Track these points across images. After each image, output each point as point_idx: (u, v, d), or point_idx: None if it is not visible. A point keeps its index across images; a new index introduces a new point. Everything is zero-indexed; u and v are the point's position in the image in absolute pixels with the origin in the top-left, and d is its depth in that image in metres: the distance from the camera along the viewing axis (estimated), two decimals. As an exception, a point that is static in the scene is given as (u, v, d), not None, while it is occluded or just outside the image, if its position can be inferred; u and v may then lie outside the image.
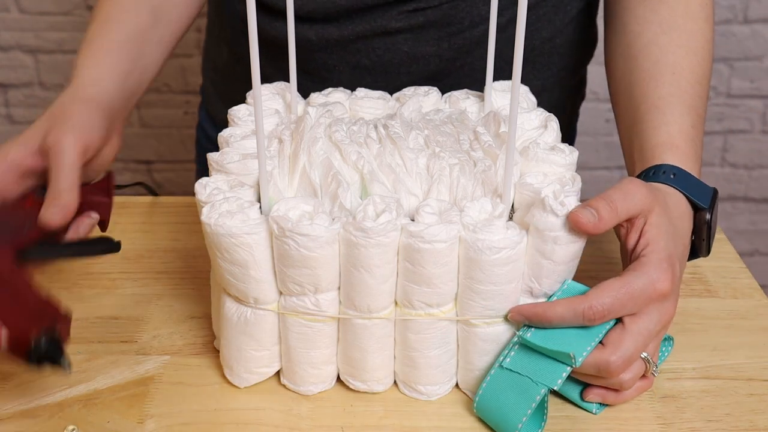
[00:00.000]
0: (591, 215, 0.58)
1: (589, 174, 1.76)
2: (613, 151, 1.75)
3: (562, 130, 0.73)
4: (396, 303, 0.61)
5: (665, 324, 0.61)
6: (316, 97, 0.75)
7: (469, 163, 0.63)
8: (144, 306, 0.74)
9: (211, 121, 1.03)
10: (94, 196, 0.70)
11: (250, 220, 0.58)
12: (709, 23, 0.78)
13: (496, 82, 0.74)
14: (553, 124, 0.69)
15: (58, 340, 0.56)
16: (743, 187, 1.79)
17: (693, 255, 0.68)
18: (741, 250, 1.82)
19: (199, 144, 1.06)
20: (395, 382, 0.65)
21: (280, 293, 0.61)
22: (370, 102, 0.74)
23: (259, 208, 0.60)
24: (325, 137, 0.66)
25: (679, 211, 0.66)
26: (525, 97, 0.75)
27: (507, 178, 0.60)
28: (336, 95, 0.75)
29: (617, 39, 0.81)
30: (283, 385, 0.65)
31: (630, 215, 0.61)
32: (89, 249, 0.68)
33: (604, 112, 1.70)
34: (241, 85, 0.69)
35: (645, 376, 0.62)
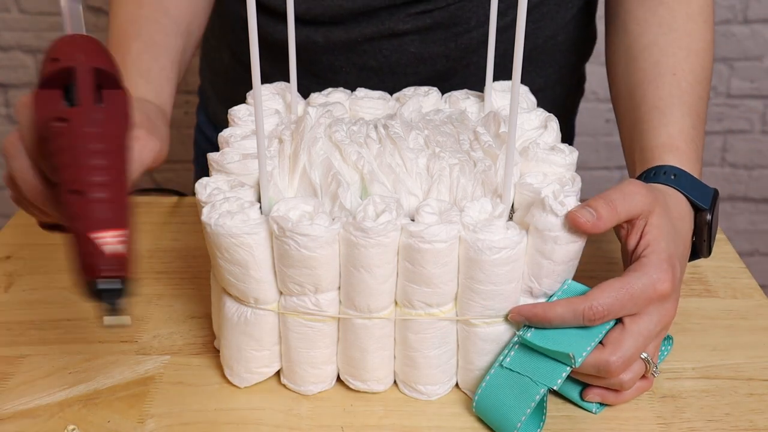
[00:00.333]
0: (590, 215, 0.58)
1: (589, 174, 1.76)
2: (613, 151, 1.75)
3: (562, 127, 0.73)
4: (396, 303, 0.61)
5: (665, 325, 0.61)
6: (316, 97, 0.75)
7: (469, 163, 0.63)
8: (144, 306, 0.74)
9: (210, 123, 1.03)
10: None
11: (251, 220, 0.58)
12: (709, 24, 0.78)
13: (496, 82, 0.74)
14: (553, 124, 0.69)
15: (122, 291, 0.49)
16: (743, 187, 1.79)
17: (694, 256, 0.68)
18: (741, 250, 1.82)
19: (198, 146, 1.06)
20: (395, 382, 0.65)
21: (281, 293, 0.61)
22: (370, 102, 0.74)
23: (260, 208, 0.60)
24: (325, 137, 0.66)
25: (680, 212, 0.66)
26: (525, 98, 0.75)
27: (507, 178, 0.60)
28: (336, 95, 0.75)
29: (618, 40, 0.81)
30: (283, 385, 0.65)
31: (630, 216, 0.61)
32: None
33: (604, 112, 1.70)
34: (244, 87, 0.69)
35: (645, 377, 0.62)
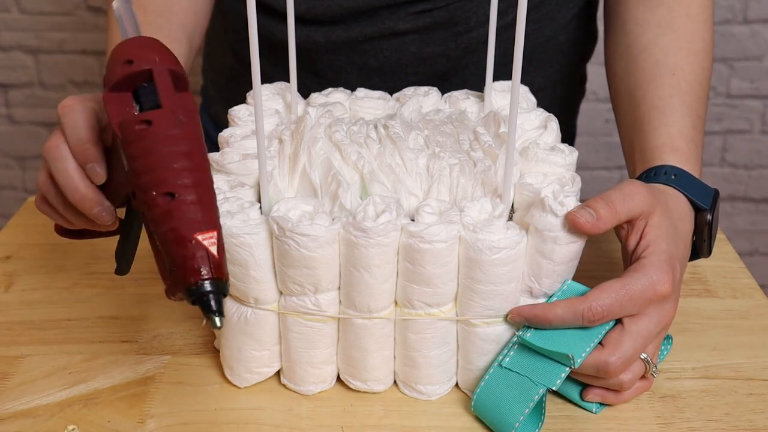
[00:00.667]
0: (589, 215, 0.58)
1: (588, 174, 1.76)
2: (613, 151, 1.75)
3: (562, 128, 0.73)
4: (396, 303, 0.61)
5: (665, 325, 0.61)
6: (316, 97, 0.75)
7: (469, 163, 0.63)
8: (144, 306, 0.74)
9: (212, 123, 1.03)
10: None
11: (251, 220, 0.58)
12: (709, 25, 0.78)
13: (496, 82, 0.74)
14: (553, 124, 0.69)
15: (222, 296, 0.47)
16: (743, 187, 1.79)
17: (694, 256, 0.68)
18: (741, 250, 1.82)
19: None
20: (395, 382, 0.65)
21: (281, 293, 0.61)
22: (370, 102, 0.74)
23: (260, 208, 0.60)
24: (325, 137, 0.66)
25: (681, 212, 0.66)
26: (525, 98, 0.75)
27: (507, 178, 0.60)
28: (336, 95, 0.75)
29: (617, 40, 0.81)
30: (283, 385, 0.65)
31: (630, 216, 0.61)
32: None
33: (604, 112, 1.70)
34: (245, 86, 0.69)
35: (645, 377, 0.62)
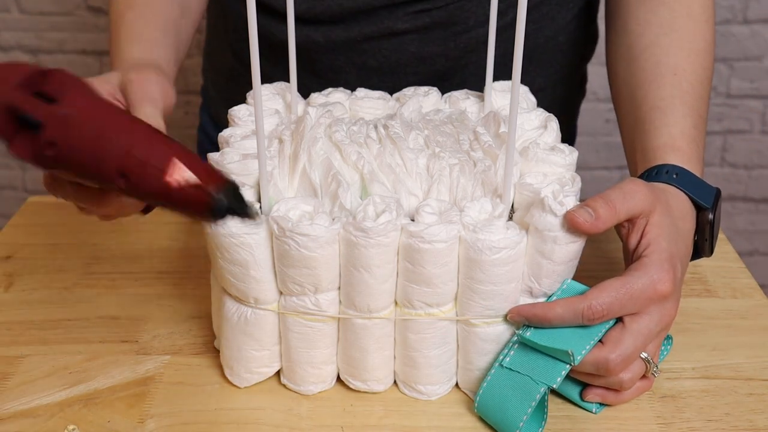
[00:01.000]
0: (588, 215, 0.58)
1: (589, 174, 1.76)
2: (613, 151, 1.75)
3: (563, 128, 0.73)
4: (396, 303, 0.61)
5: (666, 325, 0.61)
6: (316, 97, 0.75)
7: (469, 163, 0.63)
8: (144, 306, 0.74)
9: (213, 123, 1.03)
10: None
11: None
12: (710, 24, 0.78)
13: (496, 82, 0.74)
14: (553, 124, 0.69)
15: (240, 193, 0.50)
16: (743, 187, 1.79)
17: (695, 255, 0.68)
18: (740, 250, 1.82)
19: (201, 146, 1.06)
20: (395, 382, 0.65)
21: (281, 293, 0.61)
22: (370, 102, 0.74)
23: (260, 208, 0.60)
24: (325, 137, 0.66)
25: (682, 211, 0.66)
26: (525, 98, 0.75)
27: (507, 178, 0.60)
28: (336, 95, 0.75)
29: (618, 40, 0.81)
30: (283, 385, 0.65)
31: (630, 215, 0.61)
32: None
33: (604, 112, 1.70)
34: (245, 86, 0.69)
35: (645, 377, 0.62)
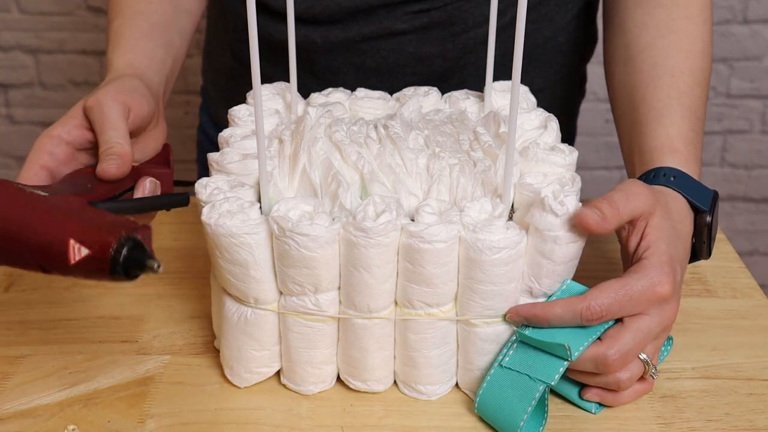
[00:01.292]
0: (596, 214, 0.58)
1: (588, 174, 1.76)
2: (613, 151, 1.75)
3: (563, 128, 0.72)
4: (396, 303, 0.61)
5: (665, 327, 0.61)
6: (316, 97, 0.75)
7: (469, 163, 0.63)
8: (144, 306, 0.74)
9: (212, 124, 1.03)
10: (153, 169, 0.68)
11: (250, 220, 0.58)
12: (708, 25, 0.78)
13: (496, 83, 0.74)
14: (553, 124, 0.69)
15: (140, 243, 0.51)
16: (743, 187, 1.79)
17: (693, 258, 0.68)
18: (740, 250, 1.82)
19: (201, 147, 1.06)
20: (395, 382, 0.65)
21: (281, 293, 0.61)
22: (370, 102, 0.74)
23: (260, 208, 0.60)
24: (325, 137, 0.66)
25: (680, 214, 0.66)
26: (525, 98, 0.75)
27: (507, 178, 0.60)
28: (336, 95, 0.75)
29: (616, 41, 0.81)
30: (283, 385, 0.65)
31: (632, 216, 0.61)
32: (154, 202, 0.65)
33: (604, 112, 1.70)
34: (245, 87, 0.69)
35: (644, 379, 0.62)
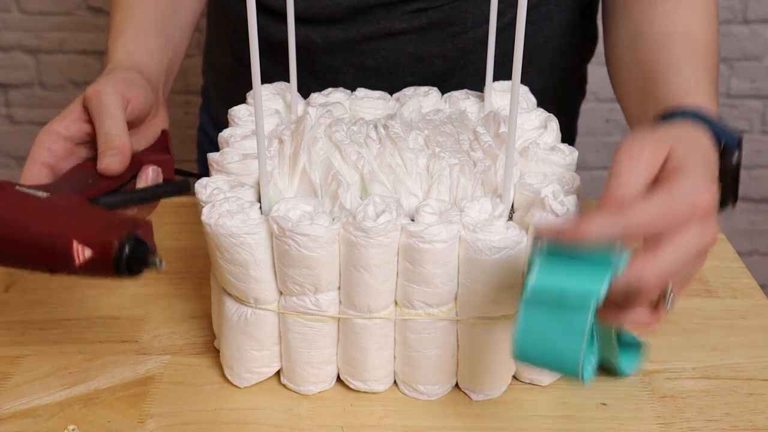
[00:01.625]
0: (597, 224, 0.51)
1: (589, 174, 1.75)
2: (613, 151, 1.75)
3: (563, 129, 0.72)
4: (396, 303, 0.61)
5: (704, 248, 0.54)
6: (316, 97, 0.75)
7: (469, 163, 0.63)
8: (144, 306, 0.74)
9: (213, 124, 1.03)
10: (153, 156, 0.68)
11: (250, 220, 0.58)
12: (713, 16, 0.75)
13: (496, 83, 0.74)
14: (553, 124, 0.69)
15: (142, 241, 0.53)
16: (743, 187, 1.77)
17: (720, 206, 0.61)
18: (740, 249, 1.82)
19: (201, 147, 1.06)
20: (395, 382, 0.65)
21: (281, 293, 0.61)
22: (370, 102, 0.74)
23: (260, 208, 0.60)
24: (325, 137, 0.66)
25: (706, 147, 0.58)
26: (525, 98, 0.75)
27: (507, 178, 0.60)
28: (336, 95, 0.75)
29: (621, 27, 0.78)
30: (283, 385, 0.65)
31: (648, 178, 0.55)
32: (156, 192, 0.66)
33: (604, 112, 1.70)
34: (245, 87, 0.69)
35: (657, 307, 0.54)
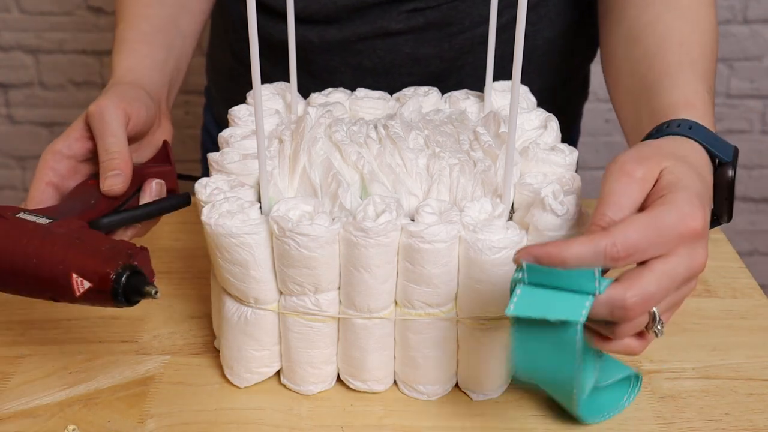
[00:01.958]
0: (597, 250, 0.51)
1: (588, 174, 1.76)
2: (613, 151, 1.75)
3: (565, 131, 0.72)
4: (396, 303, 0.61)
5: (693, 273, 0.54)
6: (316, 97, 0.75)
7: (469, 163, 0.63)
8: (144, 306, 0.74)
9: (215, 124, 1.03)
10: (155, 168, 0.69)
11: (250, 220, 0.58)
12: (713, 8, 0.74)
13: (496, 83, 0.74)
14: (553, 124, 0.69)
15: (138, 271, 0.55)
16: (743, 187, 1.79)
17: (714, 222, 0.61)
18: (740, 250, 1.82)
19: (204, 146, 1.06)
20: (395, 382, 0.65)
21: (281, 293, 0.61)
22: (370, 102, 0.74)
23: (260, 208, 0.60)
24: (325, 137, 0.66)
25: (700, 162, 0.58)
26: (525, 97, 0.75)
27: (507, 178, 0.60)
28: (336, 95, 0.75)
29: (614, 28, 0.76)
30: (283, 385, 0.65)
31: (634, 208, 0.55)
32: (158, 207, 0.66)
33: (604, 112, 1.70)
34: (245, 86, 0.69)
35: (643, 334, 0.54)
